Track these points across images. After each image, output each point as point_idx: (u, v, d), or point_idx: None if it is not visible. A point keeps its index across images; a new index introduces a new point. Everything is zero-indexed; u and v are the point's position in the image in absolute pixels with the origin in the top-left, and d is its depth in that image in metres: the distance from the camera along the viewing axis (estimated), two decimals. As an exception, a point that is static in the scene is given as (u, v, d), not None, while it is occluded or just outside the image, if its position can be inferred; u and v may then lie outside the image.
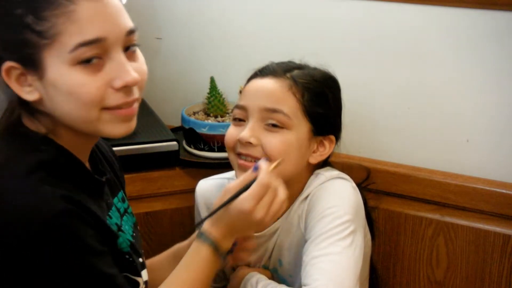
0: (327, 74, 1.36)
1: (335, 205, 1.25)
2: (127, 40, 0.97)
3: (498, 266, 1.49)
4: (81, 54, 0.91)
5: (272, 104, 1.27)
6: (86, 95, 0.93)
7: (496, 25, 1.48)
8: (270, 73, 1.31)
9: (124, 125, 1.00)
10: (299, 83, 1.29)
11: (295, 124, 1.27)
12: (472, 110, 1.55)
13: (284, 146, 1.26)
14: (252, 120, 1.27)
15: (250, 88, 1.32)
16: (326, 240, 1.21)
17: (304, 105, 1.28)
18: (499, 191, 1.50)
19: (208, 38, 1.79)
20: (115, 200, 1.14)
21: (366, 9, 1.59)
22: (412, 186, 1.56)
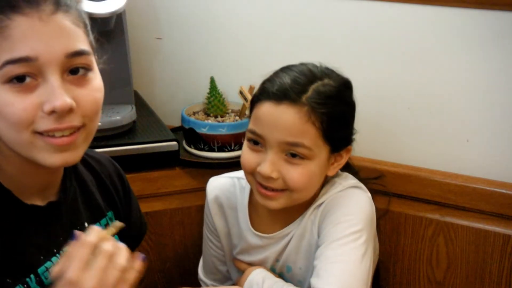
0: (341, 83, 1.30)
1: (351, 213, 1.26)
2: (68, 62, 0.90)
3: (498, 266, 1.49)
4: (9, 72, 0.86)
5: (292, 138, 1.22)
6: (12, 115, 0.87)
7: (496, 25, 1.48)
8: (286, 98, 1.22)
9: (60, 155, 0.92)
10: (317, 109, 1.22)
11: (316, 153, 1.24)
12: (472, 110, 1.55)
13: (306, 178, 1.24)
14: (272, 152, 1.23)
15: (266, 117, 1.24)
16: (340, 247, 1.22)
17: (324, 131, 1.23)
18: (499, 191, 1.50)
19: (208, 38, 1.79)
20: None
21: (365, 9, 1.59)
22: (412, 186, 1.56)
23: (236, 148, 1.63)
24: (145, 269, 0.93)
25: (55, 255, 0.99)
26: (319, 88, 1.24)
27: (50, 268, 0.97)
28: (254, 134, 1.25)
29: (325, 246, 1.23)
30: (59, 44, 0.88)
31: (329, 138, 1.24)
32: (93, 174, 1.13)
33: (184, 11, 1.80)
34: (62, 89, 0.89)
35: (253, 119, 1.27)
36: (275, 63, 1.73)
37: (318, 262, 1.23)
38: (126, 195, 1.20)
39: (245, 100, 1.63)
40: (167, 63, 1.86)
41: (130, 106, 1.65)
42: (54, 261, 0.98)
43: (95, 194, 1.11)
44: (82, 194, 1.08)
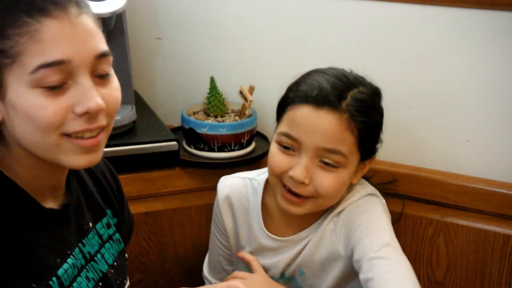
0: (373, 91, 1.29)
1: (377, 220, 1.27)
2: (96, 64, 0.91)
3: (498, 266, 1.49)
4: (43, 77, 0.87)
5: (330, 145, 1.20)
6: (43, 119, 0.88)
7: (496, 25, 1.48)
8: (326, 103, 1.20)
9: (86, 156, 0.93)
10: (356, 117, 1.21)
11: (350, 161, 1.23)
12: (472, 110, 1.55)
13: (337, 186, 1.24)
14: (306, 157, 1.22)
15: (304, 121, 1.22)
16: (388, 256, 1.20)
17: (360, 140, 1.23)
18: (499, 191, 1.50)
19: (208, 38, 1.79)
20: (98, 226, 1.10)
21: (366, 9, 1.59)
22: (412, 186, 1.56)
23: (236, 148, 1.63)
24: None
25: (69, 256, 1.00)
26: (357, 95, 1.23)
27: (67, 270, 0.97)
28: (288, 138, 1.23)
29: (371, 262, 1.20)
30: (88, 46, 0.90)
31: (363, 147, 1.24)
32: (90, 174, 1.13)
33: (184, 11, 1.80)
34: (94, 90, 0.90)
35: (288, 122, 1.24)
36: (275, 63, 1.73)
37: (373, 275, 1.19)
38: (119, 191, 1.20)
39: (245, 100, 1.63)
40: (167, 63, 1.86)
41: (130, 106, 1.65)
42: (70, 262, 0.99)
43: (95, 194, 1.12)
44: (83, 194, 1.09)
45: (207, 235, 1.61)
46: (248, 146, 1.66)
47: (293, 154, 1.24)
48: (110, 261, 1.10)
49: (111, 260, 1.10)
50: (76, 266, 1.00)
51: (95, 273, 1.05)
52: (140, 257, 1.60)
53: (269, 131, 1.77)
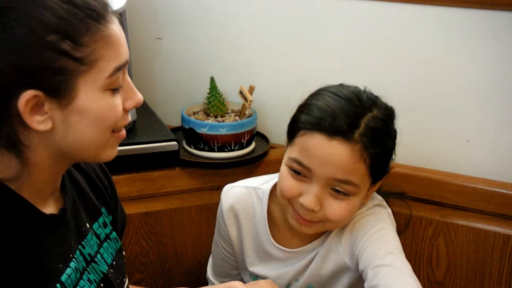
0: (388, 114, 1.25)
1: (382, 228, 1.26)
2: None
3: (498, 266, 1.49)
4: (116, 79, 0.93)
5: (342, 176, 1.18)
6: (114, 118, 0.95)
7: (496, 25, 1.48)
8: (339, 133, 1.17)
9: (117, 148, 1.01)
10: (369, 147, 1.18)
11: (361, 189, 1.22)
12: (472, 110, 1.55)
13: (348, 213, 1.23)
14: (318, 186, 1.20)
15: (317, 151, 1.18)
16: (393, 264, 1.19)
17: (372, 168, 1.20)
18: (499, 191, 1.50)
19: (208, 38, 1.79)
20: (95, 226, 1.10)
21: (366, 9, 1.59)
22: (412, 186, 1.56)
23: (236, 148, 1.63)
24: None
25: (71, 260, 0.99)
26: (370, 122, 1.20)
27: (70, 275, 0.97)
28: (300, 166, 1.21)
29: (376, 269, 1.19)
30: (126, 44, 0.96)
31: (375, 173, 1.22)
32: (82, 174, 1.13)
33: (184, 11, 1.80)
34: (133, 85, 0.99)
35: (300, 149, 1.21)
36: (275, 63, 1.73)
37: (377, 282, 1.18)
38: (112, 188, 1.20)
39: (245, 100, 1.63)
40: (167, 63, 1.86)
41: (130, 106, 1.65)
42: (72, 266, 0.98)
43: (89, 193, 1.12)
44: (78, 195, 1.08)
45: (207, 235, 1.61)
46: (248, 146, 1.66)
47: (304, 180, 1.22)
48: (109, 261, 1.10)
49: (110, 259, 1.10)
50: (78, 270, 1.00)
51: (96, 274, 1.05)
52: (140, 257, 1.60)
53: (269, 131, 1.77)
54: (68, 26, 0.87)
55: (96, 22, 0.90)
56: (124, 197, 1.53)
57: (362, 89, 1.26)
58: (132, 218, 1.54)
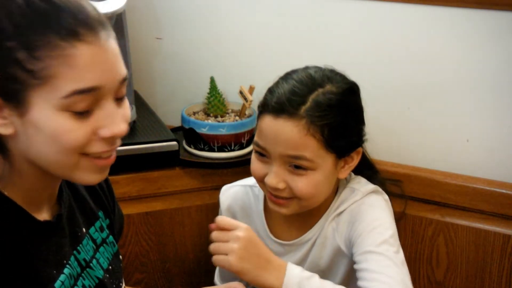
0: (344, 89, 1.27)
1: (380, 218, 1.27)
2: (119, 88, 0.91)
3: (498, 266, 1.49)
4: (75, 102, 0.86)
5: (292, 151, 1.22)
6: (71, 142, 0.88)
7: (496, 25, 1.48)
8: (283, 112, 1.22)
9: (99, 175, 0.94)
10: (316, 121, 1.21)
11: (320, 163, 1.23)
12: (472, 110, 1.55)
13: (312, 188, 1.25)
14: (276, 164, 1.24)
15: (266, 129, 1.25)
16: (383, 255, 1.21)
17: (326, 142, 1.22)
18: (499, 191, 1.50)
19: (208, 38, 1.79)
20: (91, 230, 1.09)
21: (366, 9, 1.59)
22: (412, 186, 1.56)
23: (236, 148, 1.63)
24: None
25: (65, 266, 0.99)
26: (319, 97, 1.23)
27: (64, 282, 0.97)
28: (258, 146, 1.27)
29: (367, 255, 1.22)
30: (116, 71, 0.89)
31: (333, 146, 1.24)
32: None
33: (184, 11, 1.80)
34: (119, 115, 0.91)
35: (257, 131, 1.28)
36: (275, 63, 1.73)
37: (365, 273, 1.21)
38: (110, 190, 1.19)
39: (245, 100, 1.63)
40: (167, 63, 1.86)
41: (130, 106, 1.65)
42: (66, 273, 0.98)
43: (86, 197, 1.11)
44: (75, 200, 1.08)
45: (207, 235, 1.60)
46: (248, 146, 1.66)
47: (267, 161, 1.26)
48: (105, 266, 1.09)
49: (106, 264, 1.09)
50: (73, 276, 0.99)
51: (91, 280, 1.04)
52: (140, 257, 1.60)
53: (269, 131, 1.77)
54: (27, 36, 0.84)
55: (58, 37, 0.84)
56: (124, 197, 1.53)
57: (319, 69, 1.30)
58: (132, 218, 1.54)
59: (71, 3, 0.87)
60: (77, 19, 0.86)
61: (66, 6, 0.86)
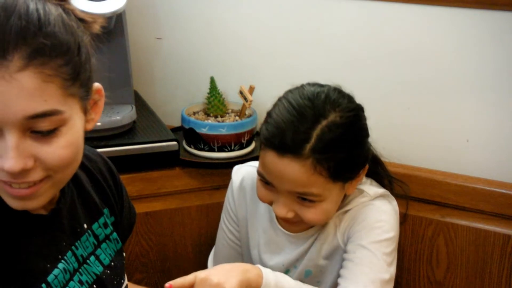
0: (350, 116, 1.22)
1: (383, 220, 1.29)
2: (29, 123, 0.83)
3: (498, 266, 1.49)
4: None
5: (299, 189, 1.20)
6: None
7: (496, 25, 1.48)
8: (288, 151, 1.17)
9: (18, 202, 0.89)
10: (323, 159, 1.17)
11: (328, 194, 1.22)
12: (472, 110, 1.55)
13: (322, 216, 1.25)
14: (283, 196, 1.23)
15: (270, 166, 1.21)
16: (371, 252, 1.24)
17: (333, 176, 1.20)
18: (499, 191, 1.50)
19: (208, 38, 1.79)
20: (94, 226, 1.08)
21: (366, 9, 1.59)
22: (412, 186, 1.56)
23: (236, 148, 1.63)
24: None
25: (60, 261, 0.98)
26: (324, 132, 1.18)
27: (58, 276, 0.96)
28: (263, 178, 1.25)
29: (357, 247, 1.25)
30: (18, 106, 0.81)
31: (340, 177, 1.22)
32: (87, 173, 1.11)
33: (184, 11, 1.80)
34: (15, 151, 0.83)
35: (261, 163, 1.25)
36: (275, 63, 1.73)
37: (348, 262, 1.24)
38: (118, 187, 1.18)
39: (245, 100, 1.63)
40: (167, 63, 1.86)
41: (130, 106, 1.65)
42: (60, 267, 0.98)
43: (91, 193, 1.10)
44: (79, 195, 1.07)
45: (207, 235, 1.61)
46: (248, 146, 1.66)
47: (272, 190, 1.25)
48: (107, 262, 1.09)
49: (107, 260, 1.09)
50: (68, 271, 0.99)
51: (89, 276, 1.04)
52: (140, 257, 1.60)
53: (269, 131, 1.77)
54: None
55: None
56: (124, 197, 1.53)
57: (321, 90, 1.23)
58: (132, 218, 1.54)
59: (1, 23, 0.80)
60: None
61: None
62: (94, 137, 1.54)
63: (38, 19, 0.82)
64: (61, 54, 0.84)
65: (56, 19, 0.84)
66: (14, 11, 0.81)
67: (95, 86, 0.95)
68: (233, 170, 1.45)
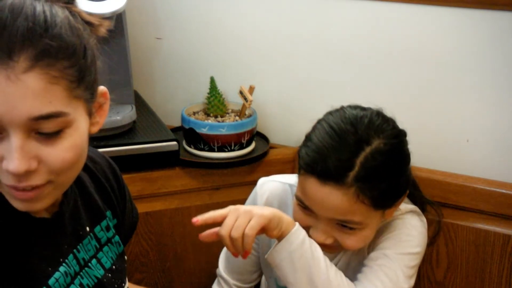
0: (394, 143, 1.19)
1: (412, 235, 1.27)
2: (34, 124, 0.83)
3: (498, 266, 1.49)
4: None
5: (341, 217, 1.18)
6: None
7: (496, 25, 1.48)
8: (331, 179, 1.15)
9: (21, 203, 0.89)
10: (366, 188, 1.14)
11: (369, 222, 1.20)
12: (472, 110, 1.55)
13: (362, 242, 1.23)
14: (323, 223, 1.20)
15: (311, 193, 1.18)
16: (394, 262, 1.22)
17: (376, 204, 1.17)
18: (499, 191, 1.50)
19: (208, 38, 1.79)
20: (96, 229, 1.08)
21: (366, 9, 1.59)
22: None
23: (236, 148, 1.63)
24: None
25: (61, 264, 0.98)
26: (368, 159, 1.15)
27: (59, 279, 0.96)
28: (302, 203, 1.22)
29: (381, 255, 1.23)
30: (23, 107, 0.81)
31: (382, 206, 1.20)
32: (90, 175, 1.11)
33: (184, 11, 1.80)
34: (20, 152, 0.83)
35: (301, 189, 1.22)
36: (275, 63, 1.73)
37: (367, 269, 1.22)
38: (121, 189, 1.18)
39: (245, 100, 1.63)
40: (167, 63, 1.86)
41: (130, 106, 1.65)
42: (62, 270, 0.97)
43: (94, 195, 1.10)
44: (81, 197, 1.07)
45: (207, 235, 1.61)
46: (248, 146, 1.66)
47: (311, 215, 1.22)
48: (108, 265, 1.08)
49: (109, 264, 1.09)
50: (69, 274, 0.99)
51: (90, 279, 1.03)
52: (140, 257, 1.60)
53: (269, 131, 1.77)
54: None
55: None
56: (124, 197, 1.53)
57: (364, 114, 1.21)
58: (132, 218, 1.54)
59: (8, 24, 0.80)
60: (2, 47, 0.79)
61: None
62: (94, 137, 1.52)
63: (44, 21, 0.83)
64: (67, 56, 0.84)
65: (62, 21, 0.85)
66: (21, 12, 0.82)
67: (100, 89, 0.95)
68: (258, 183, 1.40)
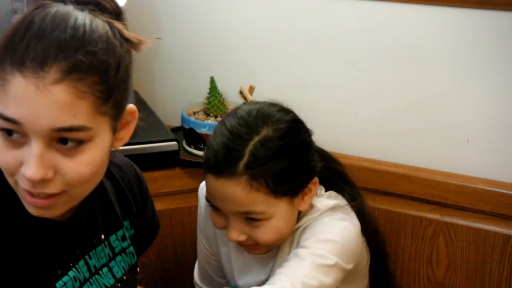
0: (284, 128, 1.20)
1: (330, 232, 1.23)
2: (56, 134, 0.84)
3: (498, 266, 1.49)
4: (2, 124, 0.84)
5: (242, 208, 1.18)
6: (1, 162, 0.87)
7: (496, 25, 1.48)
8: (222, 171, 1.16)
9: (36, 210, 0.89)
10: (258, 175, 1.15)
11: (273, 211, 1.19)
12: (472, 110, 1.55)
13: (273, 234, 1.21)
14: (232, 219, 1.21)
15: (210, 189, 1.21)
16: (304, 259, 1.19)
17: (273, 191, 1.17)
18: (499, 191, 1.50)
19: (208, 38, 1.79)
20: (111, 238, 1.07)
21: (365, 9, 1.59)
22: (412, 186, 1.56)
23: (236, 148, 1.63)
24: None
25: (71, 269, 0.98)
26: (257, 147, 1.16)
27: (67, 283, 0.96)
28: (211, 204, 1.23)
29: (294, 252, 1.21)
30: (47, 117, 0.82)
31: (282, 192, 1.19)
32: (113, 182, 1.10)
33: (184, 11, 1.80)
34: (39, 159, 0.84)
35: (206, 188, 1.24)
36: (275, 63, 1.74)
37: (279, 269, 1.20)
38: (143, 200, 1.17)
39: (245, 100, 1.63)
40: (167, 63, 1.86)
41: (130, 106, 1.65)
42: (71, 275, 0.97)
43: (114, 204, 1.09)
44: (101, 205, 1.06)
45: (207, 235, 1.61)
46: (248, 146, 1.66)
47: (222, 215, 1.23)
48: (119, 275, 1.08)
49: (120, 273, 1.08)
50: (78, 279, 0.99)
51: (99, 287, 1.03)
52: (140, 257, 1.60)
53: (269, 131, 1.77)
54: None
55: (9, 62, 0.82)
56: (124, 197, 1.53)
57: (254, 108, 1.22)
58: (132, 218, 1.54)
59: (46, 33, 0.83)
60: (30, 50, 0.82)
61: (32, 32, 0.83)
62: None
63: (82, 35, 0.84)
64: (98, 73, 0.85)
65: (100, 37, 0.87)
66: (61, 24, 0.84)
67: (129, 107, 0.96)
68: (199, 188, 1.40)
